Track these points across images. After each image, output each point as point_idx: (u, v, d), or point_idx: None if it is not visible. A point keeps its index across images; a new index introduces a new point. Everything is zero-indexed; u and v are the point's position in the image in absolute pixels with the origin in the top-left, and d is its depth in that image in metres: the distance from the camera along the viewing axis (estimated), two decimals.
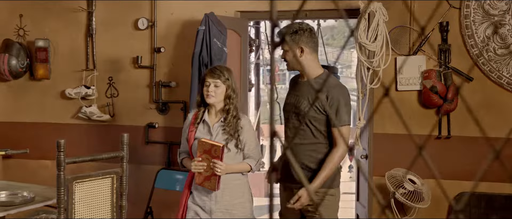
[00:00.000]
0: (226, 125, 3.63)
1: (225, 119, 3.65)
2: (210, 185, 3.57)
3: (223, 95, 3.64)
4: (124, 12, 5.21)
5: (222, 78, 3.61)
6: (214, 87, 3.62)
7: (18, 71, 5.35)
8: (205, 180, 3.59)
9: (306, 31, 3.50)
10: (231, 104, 3.64)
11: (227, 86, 3.64)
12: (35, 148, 5.32)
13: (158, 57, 5.15)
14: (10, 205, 3.79)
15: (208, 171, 3.56)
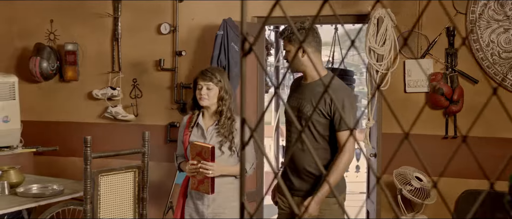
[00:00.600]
0: (220, 127, 3.59)
1: (219, 121, 3.61)
2: (204, 188, 3.54)
3: (216, 98, 3.61)
4: (148, 17, 5.49)
5: (214, 80, 3.58)
6: (206, 90, 3.60)
7: (48, 73, 5.66)
8: (199, 184, 3.56)
9: (307, 29, 3.33)
10: (224, 106, 3.60)
11: (220, 88, 3.60)
12: (64, 145, 5.62)
13: (179, 60, 5.42)
14: (41, 197, 4.10)
15: (201, 174, 3.53)
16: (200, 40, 5.36)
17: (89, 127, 5.61)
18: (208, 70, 3.67)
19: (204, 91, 3.60)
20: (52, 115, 5.83)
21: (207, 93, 3.60)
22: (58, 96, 5.80)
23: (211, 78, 3.59)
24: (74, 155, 5.64)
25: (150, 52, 5.50)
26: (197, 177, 3.55)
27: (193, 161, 3.52)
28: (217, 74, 3.61)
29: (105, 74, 5.62)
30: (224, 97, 3.61)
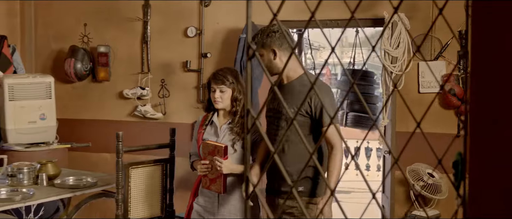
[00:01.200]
0: (234, 126, 3.57)
1: (233, 120, 3.59)
2: (216, 187, 3.54)
3: (230, 99, 3.58)
4: (175, 21, 5.80)
5: (226, 83, 3.56)
6: (220, 93, 3.58)
7: (82, 73, 6.01)
8: (211, 183, 3.57)
9: (277, 32, 3.31)
10: (239, 106, 3.57)
11: (233, 89, 3.58)
12: (96, 142, 5.95)
13: (205, 62, 5.72)
14: (76, 188, 4.42)
15: (213, 173, 3.53)
16: (224, 43, 5.65)
17: (120, 124, 5.92)
18: (219, 73, 3.63)
19: (218, 94, 3.58)
20: (85, 113, 6.17)
21: (220, 96, 3.58)
22: (91, 95, 6.14)
23: (224, 81, 3.56)
24: (105, 151, 5.97)
25: (177, 54, 5.80)
26: (209, 176, 3.55)
27: (205, 160, 3.53)
28: (229, 76, 3.58)
29: (135, 75, 5.93)
30: (238, 97, 3.59)
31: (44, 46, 6.28)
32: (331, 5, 4.15)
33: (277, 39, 3.31)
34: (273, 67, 3.36)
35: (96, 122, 6.12)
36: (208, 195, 3.67)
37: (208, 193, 3.66)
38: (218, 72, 3.66)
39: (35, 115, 5.63)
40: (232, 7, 5.54)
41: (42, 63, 6.28)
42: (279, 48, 3.32)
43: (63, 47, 6.13)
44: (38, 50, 6.30)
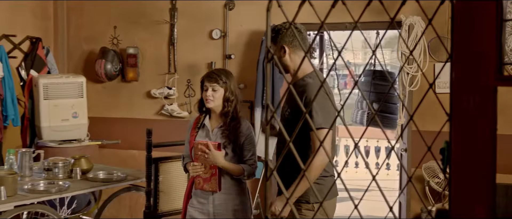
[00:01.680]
0: (225, 129, 3.54)
1: (224, 122, 3.57)
2: (211, 186, 3.53)
3: (221, 99, 3.55)
4: (201, 24, 6.05)
5: (219, 82, 3.53)
6: (212, 92, 3.54)
7: (112, 74, 6.29)
8: (205, 182, 3.55)
9: (288, 29, 3.23)
10: (230, 107, 3.55)
11: (225, 89, 3.54)
12: (125, 139, 6.22)
13: (229, 62, 5.97)
14: (108, 181, 4.70)
15: (207, 173, 3.53)
16: (248, 45, 5.88)
17: (148, 123, 6.18)
18: (214, 72, 3.61)
19: (210, 92, 3.55)
20: (115, 111, 6.45)
21: (212, 94, 3.54)
22: (120, 95, 6.42)
23: (217, 80, 3.54)
24: (134, 148, 6.24)
25: (202, 56, 6.05)
26: (202, 176, 3.55)
27: (196, 162, 3.53)
28: (222, 76, 3.57)
29: (162, 75, 6.20)
30: (230, 98, 3.55)
31: (76, 47, 6.58)
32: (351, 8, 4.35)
33: (287, 36, 3.21)
34: (282, 64, 3.26)
35: (125, 120, 6.39)
36: (202, 196, 3.63)
37: (202, 194, 3.62)
38: (212, 71, 3.65)
39: (68, 113, 5.92)
40: (255, 10, 5.77)
41: (74, 64, 6.58)
42: (289, 45, 3.22)
43: (94, 49, 6.42)
44: (70, 51, 6.60)
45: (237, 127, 3.56)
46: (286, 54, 3.22)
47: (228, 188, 3.58)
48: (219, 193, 3.56)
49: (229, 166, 3.51)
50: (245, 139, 3.55)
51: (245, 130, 3.57)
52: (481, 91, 1.39)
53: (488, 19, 1.36)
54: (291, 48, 3.22)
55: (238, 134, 3.54)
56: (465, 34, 1.39)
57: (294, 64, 3.23)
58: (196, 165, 3.53)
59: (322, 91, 3.07)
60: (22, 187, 4.21)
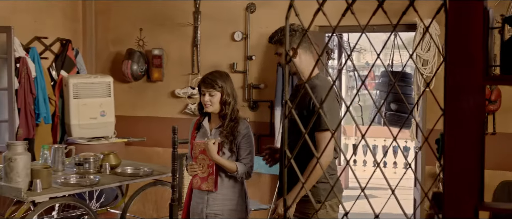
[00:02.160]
0: (223, 129, 3.61)
1: (223, 123, 3.64)
2: (208, 185, 3.61)
3: (219, 102, 3.62)
4: (223, 26, 6.29)
5: (215, 87, 3.60)
6: (209, 97, 3.62)
7: (138, 74, 6.56)
8: (202, 182, 3.64)
9: (298, 31, 3.32)
10: (228, 109, 3.61)
11: (222, 92, 3.61)
12: (150, 137, 6.48)
13: (250, 63, 6.20)
14: (135, 176, 4.95)
15: (204, 172, 3.62)
16: (268, 46, 6.10)
17: (172, 121, 6.40)
18: (209, 77, 3.69)
19: (207, 98, 3.63)
20: (140, 110, 6.71)
21: (210, 99, 3.62)
22: (146, 94, 6.68)
23: (212, 85, 3.62)
24: (158, 145, 6.50)
25: (225, 57, 6.29)
26: (200, 175, 3.64)
27: (194, 162, 3.64)
28: (218, 80, 3.63)
29: (186, 76, 6.45)
30: (227, 100, 3.63)
31: (103, 49, 6.86)
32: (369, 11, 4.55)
33: (297, 38, 3.28)
34: (291, 65, 3.33)
35: (150, 119, 6.65)
36: (198, 196, 3.72)
37: (199, 194, 3.71)
38: (207, 76, 3.71)
39: (96, 112, 6.20)
40: (275, 13, 5.98)
41: (101, 65, 6.86)
42: (299, 47, 3.30)
43: (121, 50, 6.69)
44: (98, 52, 6.88)
45: (235, 127, 3.63)
46: (297, 56, 3.30)
47: (224, 189, 3.65)
48: (214, 193, 3.63)
49: (222, 161, 3.57)
50: (242, 138, 3.62)
51: (242, 129, 3.64)
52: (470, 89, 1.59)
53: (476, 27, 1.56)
54: (301, 50, 3.30)
55: (235, 134, 3.61)
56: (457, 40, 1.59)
57: (303, 66, 3.30)
58: (194, 164, 3.63)
59: (331, 94, 3.18)
60: (55, 181, 4.48)
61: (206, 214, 3.67)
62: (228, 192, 3.66)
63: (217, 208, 3.66)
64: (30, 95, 5.83)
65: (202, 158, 3.60)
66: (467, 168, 1.61)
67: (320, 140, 3.15)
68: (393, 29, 1.78)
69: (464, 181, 1.61)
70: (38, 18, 6.28)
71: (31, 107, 5.86)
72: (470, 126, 1.60)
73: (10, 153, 4.29)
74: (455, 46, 1.60)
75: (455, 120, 1.61)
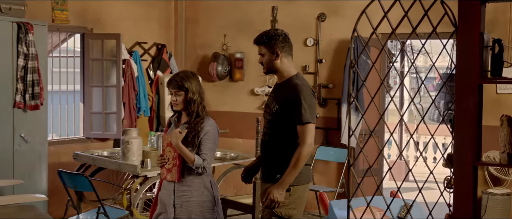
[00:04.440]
0: (189, 126, 3.76)
1: (189, 120, 3.79)
2: (172, 176, 3.78)
3: (184, 101, 3.76)
4: (297, 33, 7.13)
5: (180, 87, 3.73)
6: (175, 96, 3.77)
7: (222, 74, 7.53)
8: (168, 172, 3.80)
9: (281, 36, 3.63)
10: (194, 107, 3.76)
11: (187, 92, 3.74)
12: (232, 129, 7.34)
13: (320, 66, 7.06)
14: (223, 159, 5.92)
15: (170, 164, 3.77)
16: (336, 51, 6.96)
17: (251, 116, 7.28)
18: (174, 78, 3.82)
19: (173, 98, 3.80)
20: (223, 106, 7.64)
21: (176, 99, 3.78)
22: (228, 92, 7.63)
23: (177, 85, 3.76)
24: (239, 137, 7.42)
25: (298, 60, 7.11)
26: (166, 166, 3.80)
27: (163, 153, 3.82)
28: (183, 81, 3.76)
29: (263, 76, 7.32)
30: (193, 99, 3.76)
31: (192, 52, 7.88)
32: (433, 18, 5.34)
33: (280, 42, 3.60)
34: (272, 66, 3.65)
35: (232, 113, 7.59)
36: (166, 187, 3.87)
37: (167, 185, 3.86)
38: (173, 77, 3.84)
39: None
40: (343, 22, 6.83)
41: (190, 66, 7.86)
42: (281, 50, 3.61)
43: (207, 53, 7.69)
44: (187, 55, 7.91)
45: (199, 123, 3.76)
46: (278, 58, 3.62)
47: (189, 181, 3.78)
48: (179, 184, 3.78)
49: (184, 149, 3.69)
50: (204, 134, 3.75)
51: (206, 126, 3.77)
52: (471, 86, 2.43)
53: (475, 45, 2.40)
54: (282, 53, 3.61)
55: (199, 130, 3.74)
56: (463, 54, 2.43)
57: (283, 66, 3.64)
58: (162, 156, 3.82)
59: (309, 91, 3.55)
60: None
61: (173, 205, 3.82)
62: (193, 183, 3.78)
63: (183, 198, 3.79)
64: (133, 92, 6.90)
65: (169, 151, 3.77)
66: (469, 136, 2.43)
67: (301, 131, 3.46)
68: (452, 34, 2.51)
69: (466, 146, 2.44)
70: (139, 26, 7.36)
71: (133, 102, 6.93)
72: (471, 110, 2.44)
73: (127, 137, 5.32)
74: (462, 58, 2.44)
75: (461, 106, 2.45)
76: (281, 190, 3.47)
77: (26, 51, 5.33)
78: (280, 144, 3.56)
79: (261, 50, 3.66)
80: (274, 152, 3.61)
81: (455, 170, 2.43)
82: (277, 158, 3.57)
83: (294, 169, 3.45)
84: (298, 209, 3.60)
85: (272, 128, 3.62)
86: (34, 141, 5.55)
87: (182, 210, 3.79)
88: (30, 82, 5.39)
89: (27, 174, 5.43)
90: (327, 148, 6.91)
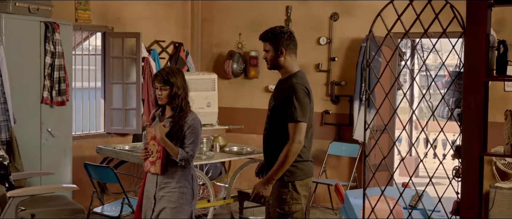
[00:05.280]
0: (173, 120, 3.83)
1: (173, 114, 3.85)
2: (155, 169, 3.85)
3: (168, 96, 3.81)
4: (310, 32, 7.39)
5: (166, 81, 3.78)
6: (160, 91, 3.82)
7: (237, 72, 7.76)
8: (151, 165, 3.87)
9: (286, 33, 3.69)
10: (178, 101, 3.81)
11: (171, 86, 3.79)
12: (246, 125, 7.60)
13: (332, 64, 7.28)
14: (240, 154, 6.16)
15: (154, 157, 3.85)
16: (349, 49, 7.18)
17: (265, 112, 7.40)
18: (160, 72, 3.88)
19: (159, 92, 3.85)
20: (239, 102, 7.89)
21: (161, 93, 3.83)
22: (243, 89, 7.87)
23: (163, 80, 3.81)
24: (253, 132, 7.64)
25: (311, 58, 7.40)
26: (150, 159, 3.87)
27: (147, 147, 3.89)
28: (168, 76, 3.81)
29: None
30: (177, 93, 3.82)
31: (208, 51, 8.13)
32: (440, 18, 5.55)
33: (285, 40, 3.67)
34: (276, 62, 3.72)
35: (247, 110, 7.83)
36: (151, 180, 3.94)
37: (150, 177, 3.94)
38: (160, 71, 3.91)
39: (203, 103, 7.40)
40: (355, 21, 7.05)
41: (206, 64, 8.12)
42: (286, 48, 3.67)
43: (223, 52, 7.93)
44: (203, 54, 8.16)
45: (183, 117, 3.84)
46: (282, 56, 3.68)
47: (171, 173, 3.87)
48: (162, 176, 3.86)
49: (169, 143, 3.77)
50: (187, 128, 3.83)
51: (189, 120, 3.85)
52: (478, 83, 2.65)
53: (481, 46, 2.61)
54: (287, 51, 3.68)
55: (183, 124, 3.82)
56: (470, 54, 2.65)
57: (286, 64, 3.70)
58: (146, 149, 3.90)
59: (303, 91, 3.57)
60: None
61: (154, 197, 3.91)
62: (175, 175, 3.87)
63: (165, 190, 3.88)
64: (151, 88, 7.14)
65: (153, 144, 3.85)
66: (475, 129, 2.66)
67: (291, 129, 3.52)
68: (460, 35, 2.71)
69: (473, 137, 2.66)
70: (157, 25, 7.61)
71: (152, 98, 7.17)
72: (477, 105, 2.66)
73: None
74: (469, 57, 2.66)
75: (469, 101, 2.67)
76: (267, 185, 3.53)
77: (53, 50, 5.59)
78: (276, 140, 3.62)
79: (266, 47, 3.74)
80: (271, 147, 3.69)
81: (463, 160, 2.65)
82: (273, 153, 3.62)
83: (281, 165, 3.50)
84: (302, 204, 3.65)
85: (270, 123, 3.71)
86: (60, 135, 5.81)
87: (162, 200, 3.87)
88: (56, 79, 5.65)
89: (53, 166, 5.69)
90: (339, 143, 7.14)
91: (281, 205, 3.60)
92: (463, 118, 2.62)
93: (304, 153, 3.63)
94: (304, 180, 3.64)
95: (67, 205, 4.50)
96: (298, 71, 3.71)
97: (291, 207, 3.60)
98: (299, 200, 3.62)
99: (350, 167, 7.11)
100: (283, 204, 3.59)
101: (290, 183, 3.58)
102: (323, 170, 7.09)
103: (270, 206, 3.68)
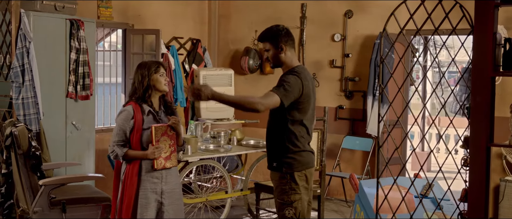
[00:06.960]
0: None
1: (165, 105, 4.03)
2: (172, 162, 3.90)
3: None
4: (325, 29, 7.59)
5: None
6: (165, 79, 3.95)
7: (253, 68, 7.97)
8: (166, 160, 3.87)
9: (283, 31, 3.83)
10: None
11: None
12: (262, 120, 7.80)
13: (347, 60, 7.47)
14: (256, 147, 6.35)
15: (167, 151, 3.87)
16: (362, 46, 7.35)
17: None
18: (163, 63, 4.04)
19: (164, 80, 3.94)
20: None
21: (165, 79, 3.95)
22: (259, 85, 8.05)
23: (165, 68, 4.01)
24: None
25: (326, 54, 7.59)
26: (163, 155, 3.84)
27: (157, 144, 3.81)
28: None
29: None
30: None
31: (224, 47, 8.34)
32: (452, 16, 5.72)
33: (283, 37, 3.80)
34: (278, 59, 3.83)
35: None
36: (155, 177, 3.89)
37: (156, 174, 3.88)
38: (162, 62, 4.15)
39: None
40: (369, 19, 7.22)
41: (222, 60, 8.34)
42: (285, 44, 3.79)
43: (239, 48, 8.13)
44: (220, 50, 8.37)
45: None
46: (283, 52, 3.79)
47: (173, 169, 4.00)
48: (169, 169, 3.92)
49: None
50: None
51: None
52: (485, 78, 2.83)
53: (488, 43, 2.79)
54: (286, 46, 3.80)
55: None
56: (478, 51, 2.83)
57: (287, 59, 3.81)
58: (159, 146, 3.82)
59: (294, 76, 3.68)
60: (198, 147, 5.95)
61: (162, 191, 3.90)
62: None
63: (172, 185, 3.96)
64: (170, 84, 7.36)
65: (164, 139, 3.84)
66: (483, 121, 2.84)
67: (267, 93, 3.62)
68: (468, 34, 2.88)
69: (481, 128, 2.84)
70: (176, 22, 7.83)
71: (171, 93, 7.39)
72: (485, 98, 2.84)
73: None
74: (477, 54, 2.84)
75: (477, 95, 2.85)
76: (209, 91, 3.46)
77: (77, 46, 5.82)
78: (274, 132, 3.78)
79: (266, 46, 3.86)
80: (270, 139, 3.85)
81: (471, 150, 2.83)
82: (272, 145, 3.80)
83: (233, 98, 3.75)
84: (301, 194, 3.76)
85: (272, 116, 3.84)
86: (84, 128, 6.05)
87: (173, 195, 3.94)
88: (81, 75, 5.89)
89: (77, 158, 5.93)
90: (353, 137, 7.33)
91: (281, 195, 3.76)
92: (471, 110, 2.80)
93: (301, 143, 3.78)
94: (302, 171, 3.76)
95: (94, 193, 4.73)
96: (298, 65, 3.85)
97: (290, 197, 3.74)
98: (298, 190, 3.74)
99: (363, 161, 7.29)
100: (283, 194, 3.75)
101: (288, 174, 3.73)
102: (337, 164, 7.29)
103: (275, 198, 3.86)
